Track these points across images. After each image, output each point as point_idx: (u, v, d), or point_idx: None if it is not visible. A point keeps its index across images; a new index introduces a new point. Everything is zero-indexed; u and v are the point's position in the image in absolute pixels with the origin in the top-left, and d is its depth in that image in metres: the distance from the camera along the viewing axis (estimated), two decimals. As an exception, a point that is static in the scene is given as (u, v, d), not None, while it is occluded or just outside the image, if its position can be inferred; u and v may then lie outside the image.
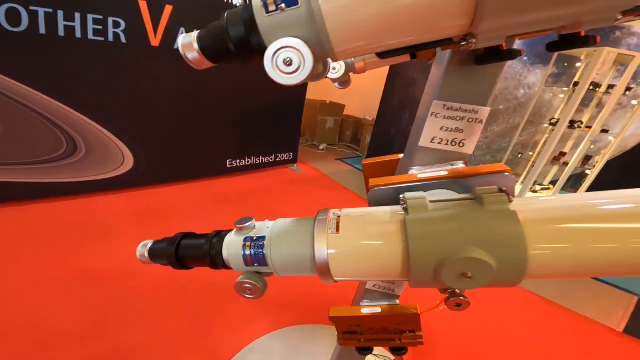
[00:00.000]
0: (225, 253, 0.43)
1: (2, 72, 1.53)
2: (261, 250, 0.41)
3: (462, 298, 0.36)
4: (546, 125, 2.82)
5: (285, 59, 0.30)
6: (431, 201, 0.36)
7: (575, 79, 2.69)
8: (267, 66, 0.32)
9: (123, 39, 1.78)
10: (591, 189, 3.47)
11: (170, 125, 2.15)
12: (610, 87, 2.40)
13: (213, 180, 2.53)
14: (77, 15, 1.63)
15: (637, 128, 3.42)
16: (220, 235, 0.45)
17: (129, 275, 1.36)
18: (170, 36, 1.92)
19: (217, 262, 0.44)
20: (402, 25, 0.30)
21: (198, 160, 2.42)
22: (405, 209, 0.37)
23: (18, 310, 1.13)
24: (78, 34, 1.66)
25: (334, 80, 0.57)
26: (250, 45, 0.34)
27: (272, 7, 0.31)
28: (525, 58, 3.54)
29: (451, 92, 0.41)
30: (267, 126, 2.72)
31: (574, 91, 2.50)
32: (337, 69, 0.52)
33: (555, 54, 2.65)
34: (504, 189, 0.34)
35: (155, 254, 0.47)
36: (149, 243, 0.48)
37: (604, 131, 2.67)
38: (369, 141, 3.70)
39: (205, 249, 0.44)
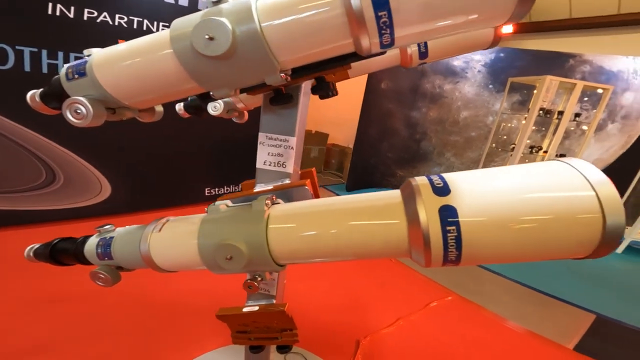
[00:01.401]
0: (85, 251, 0.55)
1: None
2: (108, 249, 0.52)
3: (254, 282, 0.46)
4: (509, 152, 2.97)
5: (76, 109, 0.44)
6: (228, 206, 0.48)
7: (530, 106, 2.88)
8: (64, 113, 0.45)
9: None
10: None
11: (147, 154, 2.30)
12: (561, 113, 2.57)
13: (191, 208, 2.63)
14: (60, 54, 1.85)
15: (603, 153, 3.56)
16: (86, 238, 0.57)
17: (93, 297, 1.42)
18: None
19: (80, 258, 0.56)
20: (152, 90, 0.46)
21: (176, 189, 2.54)
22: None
23: None
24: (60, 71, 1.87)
25: (221, 116, 0.70)
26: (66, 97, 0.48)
27: (70, 76, 0.47)
28: (490, 86, 3.79)
29: (269, 125, 0.55)
30: (246, 154, 2.88)
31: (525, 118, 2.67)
32: (217, 107, 0.65)
33: (509, 83, 2.86)
34: (274, 197, 0.46)
35: (37, 254, 0.58)
36: (36, 246, 0.60)
37: (562, 156, 2.80)
38: (349, 171, 3.86)
39: (72, 248, 0.56)
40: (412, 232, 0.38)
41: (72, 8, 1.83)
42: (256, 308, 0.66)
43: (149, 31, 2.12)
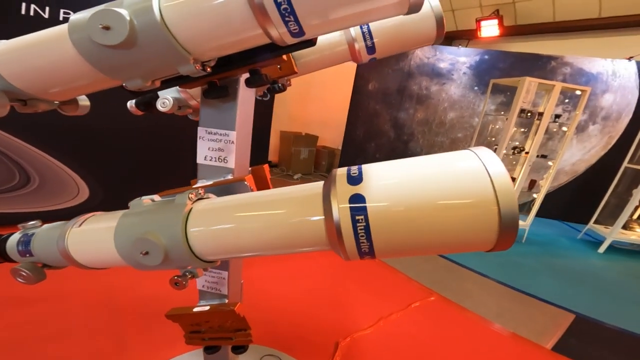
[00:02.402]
0: (7, 248, 0.53)
1: None
2: (29, 246, 0.51)
3: (181, 279, 0.45)
4: (493, 151, 2.99)
5: None
6: (154, 200, 0.47)
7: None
8: None
9: None
10: (546, 212, 3.58)
11: (124, 154, 2.26)
12: (540, 114, 2.60)
13: (165, 192, 2.59)
14: None
15: (585, 153, 3.62)
16: (10, 234, 0.55)
17: (61, 297, 1.38)
18: None
19: (4, 255, 0.54)
20: (57, 81, 0.45)
21: (155, 189, 2.51)
22: None
23: None
24: None
25: (172, 112, 0.69)
26: None
27: None
28: (476, 88, 3.83)
29: (207, 119, 0.54)
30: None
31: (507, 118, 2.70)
32: (166, 104, 0.64)
33: (490, 84, 2.89)
34: (201, 192, 0.46)
35: None
36: None
37: (543, 156, 2.83)
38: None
39: None
40: (328, 224, 0.37)
41: (47, 8, 1.79)
42: (207, 308, 0.65)
43: None
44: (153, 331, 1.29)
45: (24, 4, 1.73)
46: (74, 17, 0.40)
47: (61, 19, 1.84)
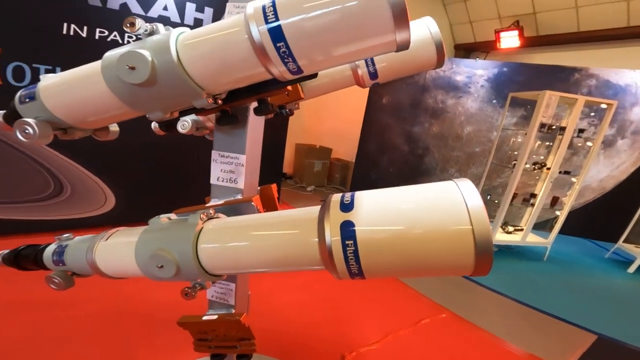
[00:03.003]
0: (43, 257, 0.59)
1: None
2: (62, 256, 0.57)
3: (191, 290, 0.49)
4: (511, 168, 2.90)
5: (24, 129, 0.49)
6: (170, 219, 0.52)
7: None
8: (14, 133, 0.51)
9: None
10: (571, 229, 3.39)
11: (148, 166, 2.40)
12: (563, 129, 2.52)
13: (180, 210, 2.69)
14: None
15: (613, 170, 3.44)
16: (47, 245, 0.62)
17: (75, 303, 1.46)
18: None
19: (40, 264, 0.60)
20: (92, 113, 0.51)
21: (178, 201, 2.61)
22: None
23: None
24: None
25: (191, 133, 0.75)
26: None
27: (22, 100, 0.53)
28: (494, 101, 3.77)
29: (220, 144, 0.59)
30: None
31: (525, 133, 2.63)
32: (185, 126, 0.70)
33: (509, 98, 2.84)
34: (212, 212, 0.50)
35: (4, 259, 0.64)
36: (4, 252, 0.65)
37: (566, 172, 2.72)
38: (350, 186, 3.87)
39: (33, 255, 0.61)
40: (321, 246, 0.41)
41: (85, 28, 1.97)
42: (215, 317, 0.68)
43: None
44: (161, 337, 1.33)
45: (65, 25, 1.91)
46: (106, 55, 0.47)
47: (97, 37, 2.02)
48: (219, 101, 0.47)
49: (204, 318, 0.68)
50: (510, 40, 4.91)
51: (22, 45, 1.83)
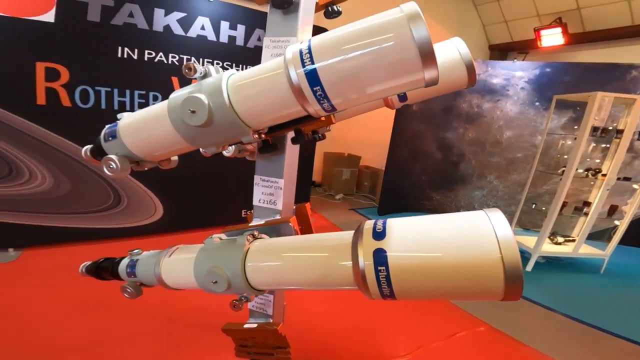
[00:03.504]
0: (119, 270, 0.69)
1: (73, 140, 2.11)
2: (134, 269, 0.66)
3: (238, 303, 0.55)
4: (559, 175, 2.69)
5: (109, 165, 0.58)
6: (221, 239, 0.58)
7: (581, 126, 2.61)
8: (101, 167, 0.60)
9: None
10: (633, 240, 3.02)
11: (193, 180, 2.60)
12: (620, 132, 2.30)
13: (228, 228, 2.86)
14: (127, 92, 2.22)
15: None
16: (122, 259, 0.72)
17: (133, 304, 1.62)
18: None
19: (115, 275, 0.70)
20: (161, 148, 0.60)
21: (216, 211, 2.80)
22: None
23: (39, 327, 1.44)
24: (127, 107, 2.23)
25: (234, 156, 0.83)
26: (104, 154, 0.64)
27: (106, 138, 0.62)
28: (537, 103, 3.54)
29: (261, 169, 0.65)
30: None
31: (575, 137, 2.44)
32: (229, 150, 0.78)
33: (554, 101, 2.66)
34: (256, 233, 0.56)
35: (87, 270, 0.75)
36: (87, 263, 0.76)
37: (626, 179, 2.46)
38: (380, 194, 3.81)
39: (110, 267, 0.71)
40: (355, 270, 0.44)
41: (136, 50, 2.22)
42: (255, 325, 0.74)
43: None
44: (204, 339, 1.42)
45: (119, 48, 2.17)
46: (171, 97, 0.55)
47: (146, 59, 2.25)
48: (262, 135, 0.54)
49: (245, 326, 0.74)
50: (552, 38, 4.59)
51: (86, 70, 2.09)
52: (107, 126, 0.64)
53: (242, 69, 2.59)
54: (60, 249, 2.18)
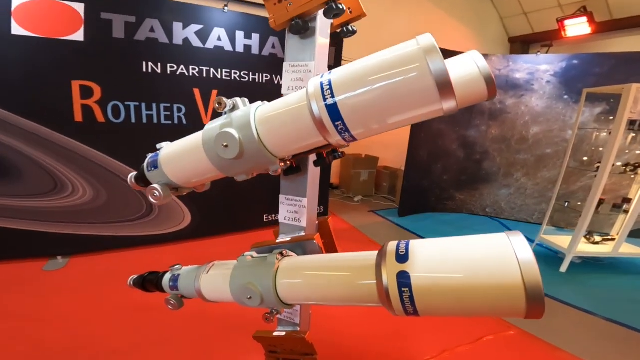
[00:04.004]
0: (162, 284, 0.76)
1: (109, 154, 2.26)
2: (176, 283, 0.72)
3: (269, 315, 0.59)
4: (593, 172, 2.54)
5: (153, 193, 0.63)
6: (253, 257, 0.62)
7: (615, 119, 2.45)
8: (146, 194, 0.65)
9: (184, 121, 2.45)
10: None
11: (217, 187, 2.70)
12: (659, 125, 2.15)
13: (252, 232, 2.94)
14: (154, 105, 2.34)
15: None
16: (164, 273, 0.79)
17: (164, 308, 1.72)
18: (217, 115, 2.55)
19: (160, 288, 0.77)
20: (197, 177, 0.66)
21: (240, 216, 2.89)
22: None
23: (83, 331, 1.55)
24: (155, 120, 2.36)
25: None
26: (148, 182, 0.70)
27: (149, 169, 0.68)
28: (566, 97, 3.38)
29: (286, 189, 0.68)
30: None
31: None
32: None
33: (584, 94, 2.52)
34: (284, 252, 0.59)
35: (134, 283, 0.82)
36: (134, 277, 0.84)
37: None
38: (400, 195, 3.76)
39: (154, 281, 0.78)
40: (379, 290, 0.47)
41: (159, 64, 2.34)
42: (283, 334, 0.78)
43: (214, 78, 2.53)
44: (236, 342, 1.48)
45: (144, 63, 2.29)
46: (206, 131, 0.60)
47: (168, 72, 2.35)
48: (287, 162, 0.58)
49: (275, 334, 0.79)
50: (578, 27, 4.34)
51: (116, 86, 2.22)
52: (148, 156, 0.71)
53: (258, 77, 2.65)
54: (102, 256, 2.34)
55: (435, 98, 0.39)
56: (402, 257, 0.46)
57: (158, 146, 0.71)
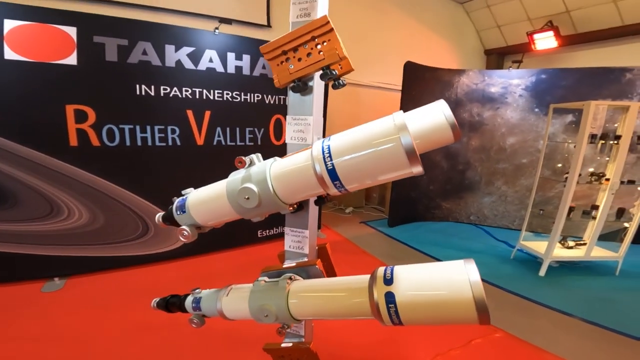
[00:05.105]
0: (185, 305, 0.87)
1: (105, 177, 2.29)
2: (198, 304, 0.83)
3: (282, 330, 0.70)
4: (562, 182, 2.76)
5: (183, 233, 0.74)
6: (266, 281, 0.74)
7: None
8: (177, 235, 0.75)
9: (178, 142, 2.50)
10: None
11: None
12: (618, 137, 2.39)
13: (247, 248, 3.01)
14: (148, 128, 2.38)
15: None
16: (186, 296, 0.89)
17: (173, 326, 1.77)
18: (210, 136, 2.61)
19: (182, 309, 0.88)
20: (219, 218, 0.76)
21: (235, 232, 2.95)
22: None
23: (83, 351, 1.57)
24: (149, 142, 2.40)
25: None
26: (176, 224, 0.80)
27: (178, 212, 0.78)
28: (537, 109, 3.64)
29: (290, 222, 0.81)
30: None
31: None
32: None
33: (550, 109, 2.75)
34: (293, 276, 0.71)
35: (158, 305, 0.91)
36: (157, 299, 0.93)
37: (630, 182, 2.53)
38: (389, 207, 3.88)
39: (178, 302, 0.89)
40: (371, 306, 0.61)
41: (152, 87, 2.39)
42: (290, 344, 0.88)
43: (207, 99, 2.60)
44: (244, 356, 1.54)
45: (137, 86, 2.34)
46: (229, 183, 0.71)
47: (162, 94, 2.40)
48: (295, 206, 0.70)
49: (282, 345, 0.89)
50: (546, 41, 4.69)
51: (110, 110, 2.25)
52: (176, 200, 0.81)
53: (250, 97, 2.75)
54: (99, 276, 2.37)
55: (406, 165, 0.53)
56: (389, 281, 0.60)
57: (183, 192, 0.82)
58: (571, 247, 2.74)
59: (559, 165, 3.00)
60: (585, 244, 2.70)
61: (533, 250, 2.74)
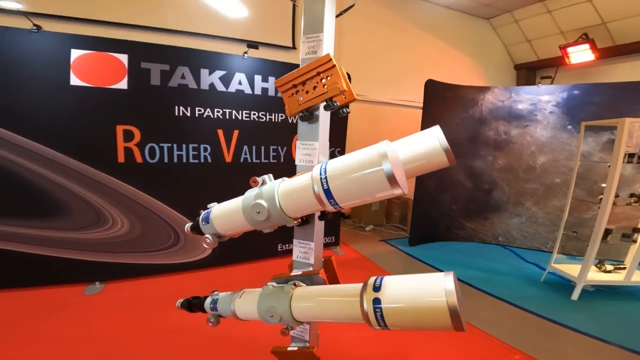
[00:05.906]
0: (204, 306, 0.99)
1: (144, 190, 2.54)
2: (215, 305, 0.95)
3: (287, 331, 0.78)
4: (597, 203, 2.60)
5: (206, 240, 0.86)
6: (274, 286, 0.82)
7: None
8: (202, 241, 0.88)
9: (209, 160, 2.73)
10: None
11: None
12: (655, 156, 2.23)
13: (267, 261, 3.12)
14: (184, 146, 2.63)
15: None
16: (205, 297, 1.02)
17: (195, 330, 1.89)
18: (238, 154, 2.82)
19: (202, 310, 1.00)
20: (236, 229, 0.88)
21: (256, 246, 3.08)
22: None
23: (117, 352, 1.72)
24: (184, 159, 2.64)
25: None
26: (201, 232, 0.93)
27: (203, 223, 0.91)
28: (569, 127, 3.49)
29: (298, 234, 0.90)
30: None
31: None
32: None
33: (582, 127, 2.64)
34: (297, 282, 0.79)
35: (182, 305, 1.03)
36: (181, 300, 1.05)
37: (674, 203, 2.33)
38: (410, 226, 3.82)
39: (199, 303, 1.01)
40: (361, 310, 0.68)
41: (189, 108, 2.64)
42: (296, 348, 0.95)
43: (236, 119, 2.81)
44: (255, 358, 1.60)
45: (176, 107, 2.60)
46: (245, 198, 0.83)
47: (196, 115, 2.65)
48: (300, 220, 0.80)
49: (289, 349, 0.96)
50: (581, 54, 4.50)
51: (152, 130, 2.51)
52: (202, 213, 0.95)
53: (275, 117, 2.93)
54: (134, 282, 2.58)
55: (387, 187, 0.61)
56: (377, 288, 0.67)
57: (209, 205, 0.95)
58: (609, 271, 2.53)
59: (595, 186, 2.84)
60: (625, 267, 2.49)
61: (565, 273, 2.57)
